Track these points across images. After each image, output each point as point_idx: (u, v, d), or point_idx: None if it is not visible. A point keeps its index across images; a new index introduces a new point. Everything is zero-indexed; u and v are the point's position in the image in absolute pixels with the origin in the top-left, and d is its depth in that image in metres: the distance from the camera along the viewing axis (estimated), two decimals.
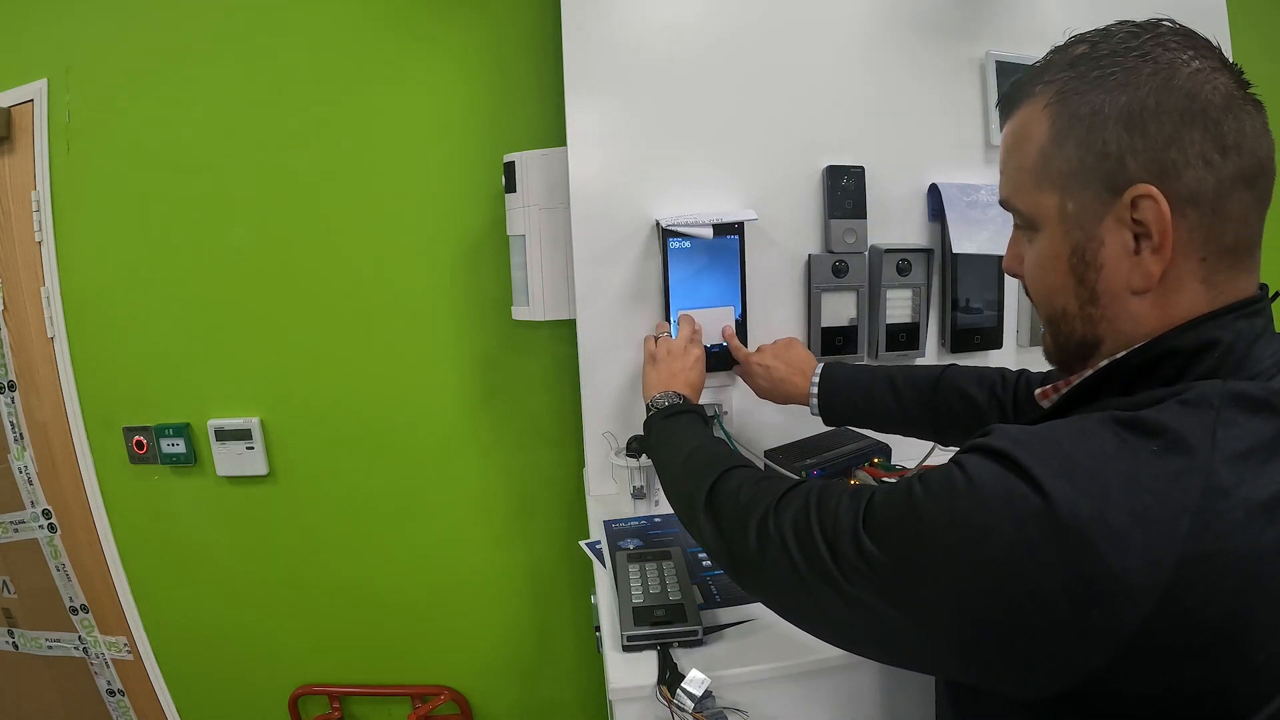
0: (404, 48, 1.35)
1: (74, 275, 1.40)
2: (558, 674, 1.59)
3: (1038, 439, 0.44)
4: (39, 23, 1.35)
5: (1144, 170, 0.47)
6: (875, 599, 0.47)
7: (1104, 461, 0.42)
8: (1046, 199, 0.52)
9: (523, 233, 1.23)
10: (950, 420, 0.93)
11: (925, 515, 0.45)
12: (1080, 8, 1.31)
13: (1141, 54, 0.48)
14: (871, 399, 0.97)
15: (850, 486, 0.54)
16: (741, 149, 1.19)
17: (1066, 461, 0.42)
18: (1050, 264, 0.54)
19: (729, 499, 0.63)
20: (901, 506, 0.47)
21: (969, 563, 0.43)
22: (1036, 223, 0.54)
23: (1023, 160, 0.54)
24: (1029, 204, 0.54)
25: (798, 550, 0.52)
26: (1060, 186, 0.51)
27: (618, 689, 0.71)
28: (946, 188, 1.23)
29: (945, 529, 0.44)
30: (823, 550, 0.50)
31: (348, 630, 1.54)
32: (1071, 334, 0.54)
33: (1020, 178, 0.55)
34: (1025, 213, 0.55)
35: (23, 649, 1.59)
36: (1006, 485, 0.42)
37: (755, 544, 0.56)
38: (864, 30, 1.21)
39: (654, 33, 1.15)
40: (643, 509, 1.12)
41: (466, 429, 1.46)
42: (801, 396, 1.02)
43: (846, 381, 1.00)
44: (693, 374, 0.98)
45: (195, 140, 1.36)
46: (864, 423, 1.02)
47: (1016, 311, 1.33)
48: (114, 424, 1.44)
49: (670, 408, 0.89)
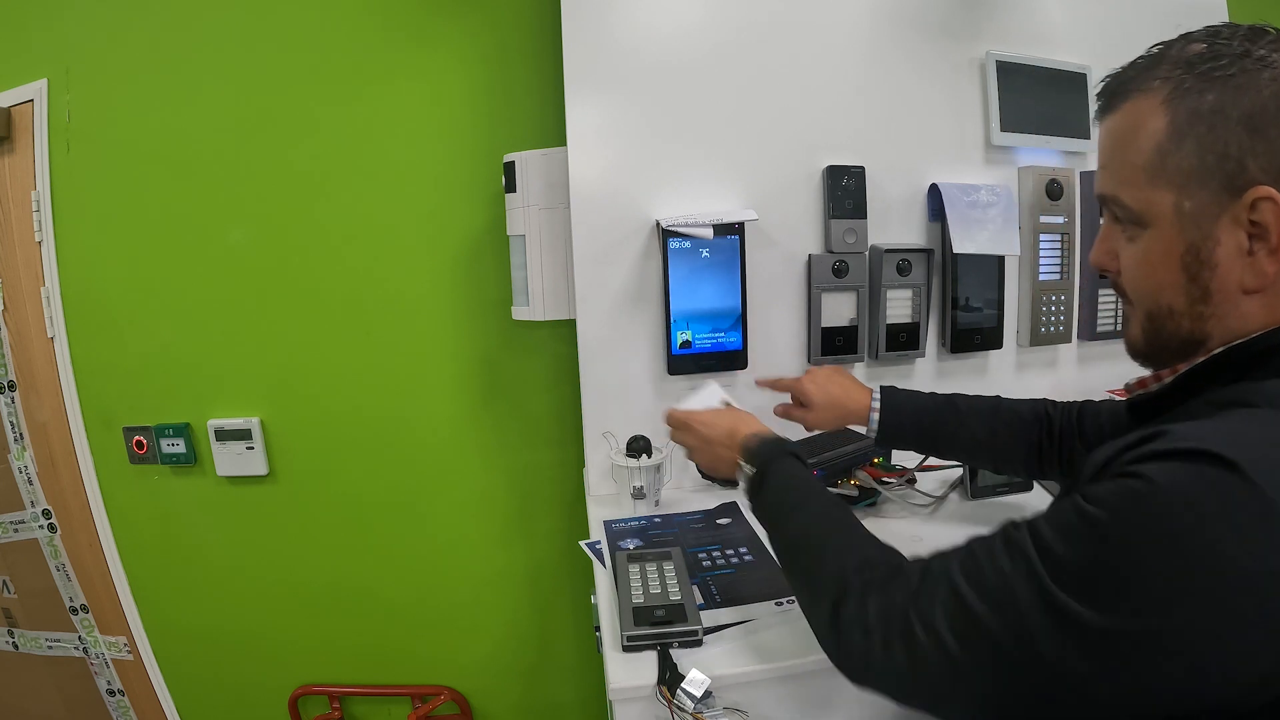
0: (404, 48, 1.35)
1: (74, 275, 1.40)
2: (558, 674, 1.59)
3: (1216, 432, 0.43)
4: (39, 23, 1.35)
5: (1263, 172, 0.48)
6: (1087, 661, 0.42)
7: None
8: (1161, 196, 0.52)
9: (523, 233, 1.23)
10: (1010, 444, 0.91)
11: (1133, 541, 0.41)
12: (1080, 8, 1.31)
13: (1261, 59, 0.48)
14: (936, 418, 0.95)
15: (987, 545, 0.49)
16: (741, 149, 1.19)
17: (1255, 446, 0.41)
18: (1160, 261, 0.53)
19: (855, 621, 0.55)
20: (1093, 546, 0.43)
21: (1203, 570, 0.39)
22: (1146, 219, 0.53)
23: (1134, 156, 0.53)
24: (1140, 200, 0.53)
25: (960, 648, 0.47)
26: (1177, 185, 0.51)
27: (618, 689, 0.71)
28: (946, 188, 1.23)
29: (1164, 546, 0.40)
30: (999, 636, 0.45)
31: (348, 630, 1.54)
32: (1177, 331, 0.54)
33: (1131, 173, 0.53)
34: (1135, 209, 0.53)
35: (23, 649, 1.59)
36: (1207, 478, 0.40)
37: (904, 658, 0.50)
38: (864, 30, 1.21)
39: (654, 33, 1.15)
40: (643, 509, 1.12)
41: (466, 429, 1.46)
42: (861, 413, 0.98)
43: (908, 400, 0.97)
44: (752, 421, 0.88)
45: (195, 140, 1.36)
46: (921, 443, 0.98)
47: (1016, 311, 1.33)
48: (114, 424, 1.44)
49: (772, 456, 0.77)
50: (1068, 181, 1.31)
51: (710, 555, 0.96)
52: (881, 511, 1.11)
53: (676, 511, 1.12)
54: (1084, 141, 1.32)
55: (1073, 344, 1.37)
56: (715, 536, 1.02)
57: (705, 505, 1.14)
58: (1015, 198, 1.29)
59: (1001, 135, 1.26)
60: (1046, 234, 1.31)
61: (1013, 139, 1.27)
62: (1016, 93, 1.26)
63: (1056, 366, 1.36)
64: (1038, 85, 1.28)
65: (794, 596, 0.71)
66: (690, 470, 1.23)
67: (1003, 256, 1.29)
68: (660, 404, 1.21)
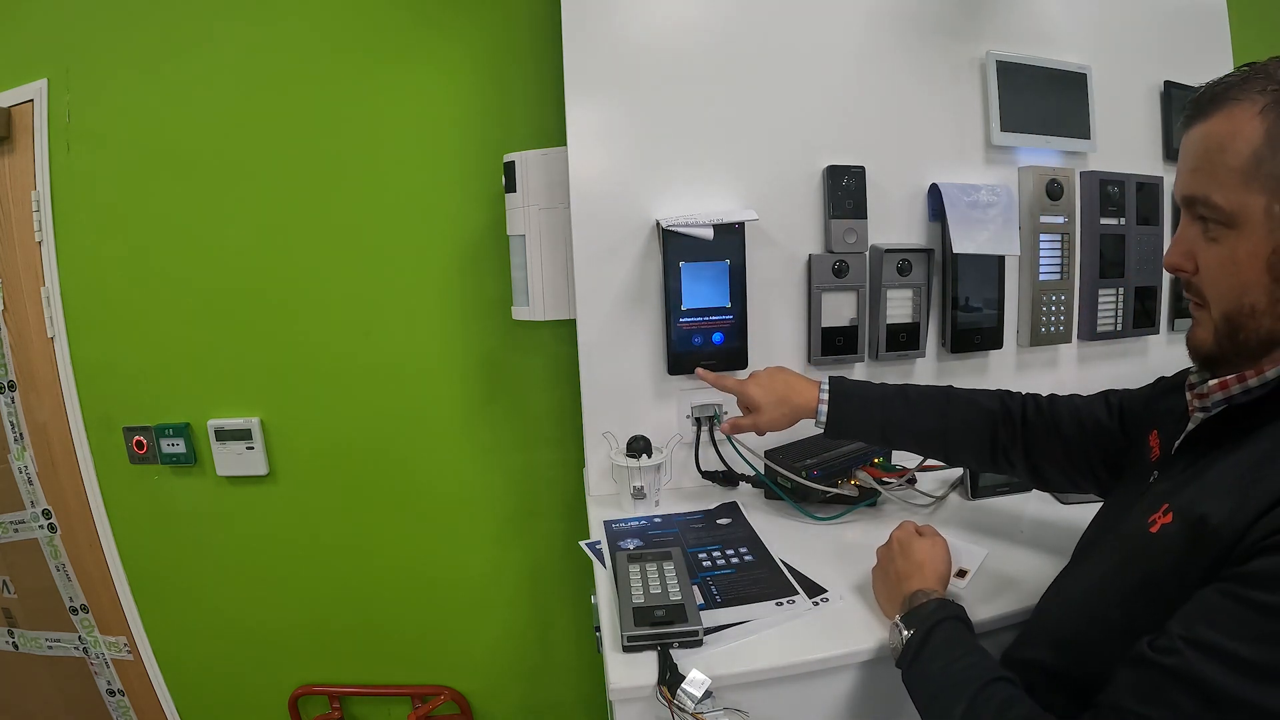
0: (404, 49, 1.35)
1: (74, 275, 1.40)
2: (558, 674, 1.59)
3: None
4: (39, 23, 1.35)
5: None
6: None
7: None
8: (1254, 199, 0.54)
9: (523, 233, 1.23)
10: (963, 433, 0.91)
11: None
12: (1080, 8, 1.31)
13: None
14: (885, 408, 0.95)
15: (1149, 696, 0.49)
16: (742, 149, 1.19)
17: None
18: (1246, 262, 0.55)
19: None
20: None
21: None
22: (1237, 220, 0.55)
23: (1230, 159, 0.55)
24: (1233, 202, 0.55)
25: None
26: (1270, 189, 0.53)
27: (618, 689, 0.71)
28: (946, 188, 1.23)
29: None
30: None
31: (348, 630, 1.54)
32: (1257, 330, 0.56)
33: (1226, 176, 0.55)
34: (1226, 209, 0.55)
35: (23, 649, 1.59)
36: None
37: None
38: (864, 30, 1.21)
39: (654, 33, 1.15)
40: (643, 509, 1.12)
41: (466, 429, 1.46)
42: (810, 406, 0.97)
43: (856, 389, 0.97)
44: (941, 565, 0.81)
45: (195, 140, 1.36)
46: (871, 433, 0.97)
47: (1016, 311, 1.33)
48: (114, 424, 1.44)
49: (934, 616, 0.71)
50: (1068, 181, 1.31)
51: (710, 555, 0.96)
52: (881, 511, 1.11)
53: (676, 511, 1.12)
54: (1084, 141, 1.32)
55: (1073, 344, 1.37)
56: (715, 536, 1.02)
57: (705, 505, 1.14)
58: (1015, 198, 1.29)
59: (1001, 135, 1.26)
60: (1046, 234, 1.31)
61: (1013, 139, 1.27)
62: (1017, 93, 1.26)
63: (1056, 366, 1.36)
64: (1038, 85, 1.28)
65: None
66: (690, 470, 1.23)
67: (1003, 256, 1.29)
68: (660, 404, 1.22)
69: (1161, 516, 0.58)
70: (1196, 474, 0.59)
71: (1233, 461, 0.56)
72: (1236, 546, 0.49)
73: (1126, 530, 0.64)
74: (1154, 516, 0.59)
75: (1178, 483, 0.61)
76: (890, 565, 0.81)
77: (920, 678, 0.68)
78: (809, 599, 0.83)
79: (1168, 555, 0.55)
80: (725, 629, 0.78)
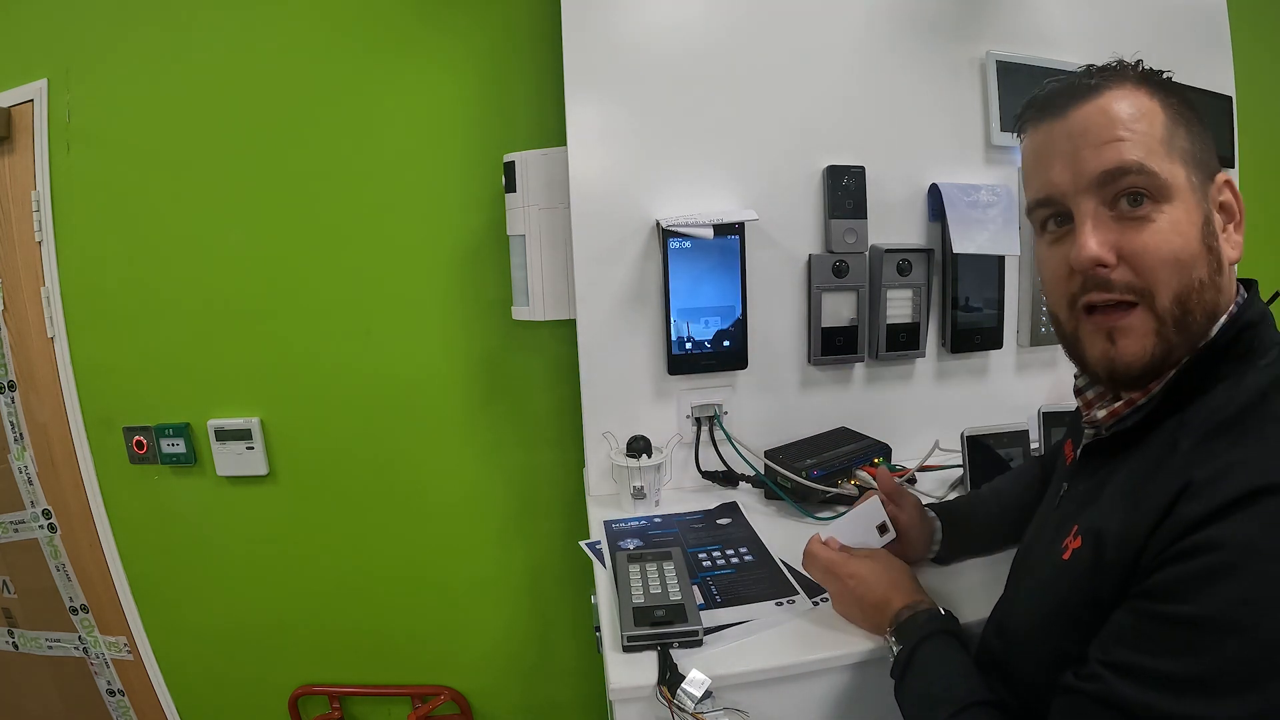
0: (404, 48, 1.35)
1: (74, 275, 1.40)
2: (558, 674, 1.59)
3: (1260, 457, 0.45)
4: (39, 23, 1.35)
5: (1220, 163, 0.57)
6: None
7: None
8: (1178, 170, 0.54)
9: (523, 233, 1.23)
10: (1038, 489, 0.85)
11: (1244, 624, 0.42)
12: (1080, 8, 1.31)
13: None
14: (970, 511, 0.91)
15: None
16: (741, 149, 1.19)
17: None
18: (1188, 233, 0.54)
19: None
20: (1204, 649, 0.43)
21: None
22: (1171, 191, 0.54)
23: (1152, 129, 0.55)
24: (1167, 171, 0.54)
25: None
26: (1186, 162, 0.55)
27: (618, 689, 0.71)
28: (946, 188, 1.23)
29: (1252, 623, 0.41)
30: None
31: (348, 630, 1.54)
32: (1203, 303, 0.54)
33: (1154, 145, 0.54)
34: (1163, 178, 0.53)
35: (23, 649, 1.59)
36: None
37: None
38: (864, 30, 1.21)
39: (654, 32, 1.15)
40: (643, 509, 1.12)
41: (467, 429, 1.46)
42: (924, 550, 0.88)
43: (962, 515, 0.90)
44: (906, 582, 0.77)
45: (195, 140, 1.36)
46: (982, 546, 0.91)
47: (1016, 311, 1.33)
48: (114, 424, 1.44)
49: (926, 627, 0.69)
50: None
51: (710, 555, 0.96)
52: None
53: (676, 511, 1.12)
54: None
55: None
56: (715, 536, 1.02)
57: (705, 505, 1.14)
58: (1015, 198, 1.28)
59: (1001, 135, 1.26)
60: None
61: (1013, 139, 1.27)
62: (1016, 93, 1.26)
63: (1056, 366, 1.36)
64: (1038, 85, 1.27)
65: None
66: (690, 470, 1.23)
67: (1003, 256, 1.29)
68: (660, 404, 1.22)
69: (1072, 540, 0.57)
70: (1097, 486, 0.58)
71: (1125, 474, 0.55)
72: (1138, 562, 0.48)
73: (1043, 557, 0.62)
74: (1066, 541, 0.57)
75: (1082, 500, 0.60)
76: (860, 592, 0.76)
77: (906, 694, 0.67)
78: (809, 599, 0.83)
79: (1082, 582, 0.54)
80: (725, 629, 0.78)
